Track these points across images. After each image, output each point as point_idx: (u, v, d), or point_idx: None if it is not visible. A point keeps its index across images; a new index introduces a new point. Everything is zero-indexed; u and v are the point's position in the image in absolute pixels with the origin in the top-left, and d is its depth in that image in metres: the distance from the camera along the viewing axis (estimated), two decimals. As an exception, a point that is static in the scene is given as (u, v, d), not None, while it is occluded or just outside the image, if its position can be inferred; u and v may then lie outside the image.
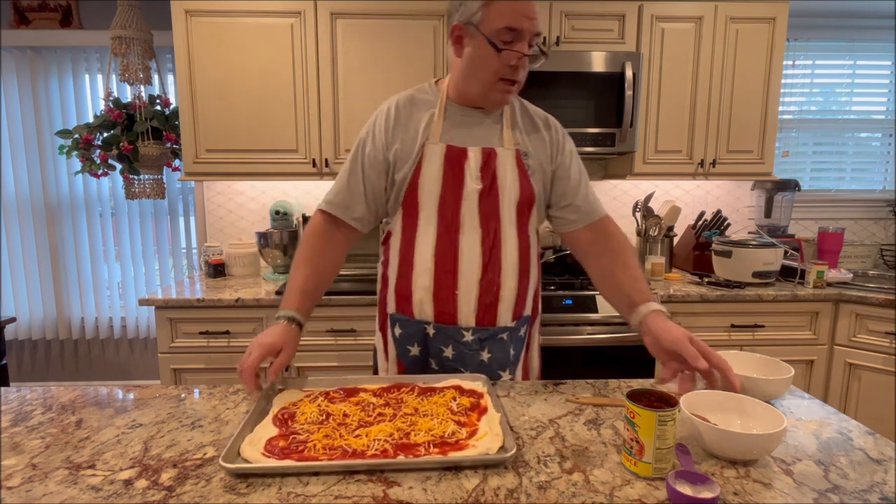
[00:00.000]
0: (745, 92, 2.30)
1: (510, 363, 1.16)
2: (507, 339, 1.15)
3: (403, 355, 1.16)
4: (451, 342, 1.12)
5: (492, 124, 1.14)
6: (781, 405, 0.96)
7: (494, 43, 1.02)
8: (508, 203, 1.11)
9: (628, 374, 2.00)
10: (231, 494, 0.67)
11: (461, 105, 1.13)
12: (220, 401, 0.98)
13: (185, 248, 2.81)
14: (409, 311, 1.14)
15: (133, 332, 2.83)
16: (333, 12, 2.14)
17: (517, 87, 1.08)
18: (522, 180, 1.12)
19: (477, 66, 1.06)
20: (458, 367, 1.13)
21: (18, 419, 0.90)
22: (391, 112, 1.13)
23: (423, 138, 1.10)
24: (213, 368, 2.00)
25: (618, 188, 2.69)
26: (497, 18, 1.01)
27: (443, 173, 1.09)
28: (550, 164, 1.17)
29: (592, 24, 2.20)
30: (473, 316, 1.11)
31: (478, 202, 1.10)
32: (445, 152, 1.09)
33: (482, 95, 1.09)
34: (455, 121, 1.12)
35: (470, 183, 1.09)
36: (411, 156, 1.10)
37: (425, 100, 1.14)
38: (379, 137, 1.12)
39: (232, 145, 2.21)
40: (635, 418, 0.71)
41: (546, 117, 1.21)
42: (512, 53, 1.02)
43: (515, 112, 1.17)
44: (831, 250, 2.55)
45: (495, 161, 1.10)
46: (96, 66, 2.65)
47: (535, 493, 0.68)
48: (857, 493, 0.68)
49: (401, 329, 1.16)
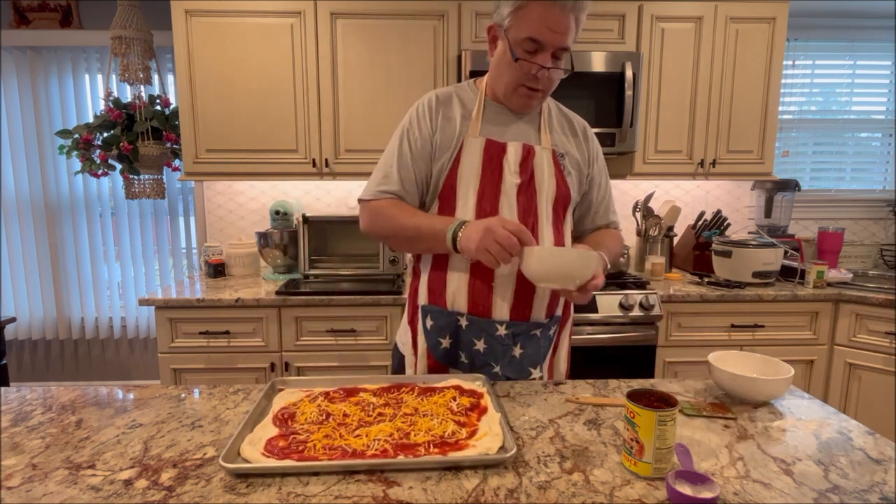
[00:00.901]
0: (745, 92, 2.30)
1: (541, 360, 1.16)
2: (540, 336, 1.14)
3: (434, 348, 1.15)
4: (484, 335, 1.11)
5: (528, 123, 1.16)
6: (781, 405, 0.96)
7: (513, 51, 1.03)
8: (546, 200, 1.12)
9: (628, 374, 2.00)
10: (231, 494, 0.67)
11: (498, 103, 1.15)
12: (220, 401, 0.98)
13: (185, 248, 2.81)
14: (442, 302, 1.13)
15: (133, 332, 2.83)
16: (333, 12, 2.14)
17: (542, 95, 1.10)
18: (559, 179, 1.14)
19: (501, 69, 1.09)
20: (489, 361, 1.12)
21: (18, 419, 0.90)
22: (433, 102, 1.14)
23: (462, 131, 1.11)
24: (213, 368, 2.00)
25: (618, 188, 2.69)
26: (523, 27, 1.01)
27: (482, 166, 1.10)
28: (587, 168, 1.20)
29: (592, 24, 2.21)
30: (508, 310, 1.11)
31: (516, 196, 1.10)
32: (485, 146, 1.10)
33: (506, 97, 1.12)
34: (493, 118, 1.14)
35: (509, 177, 1.10)
36: (449, 147, 1.11)
37: (464, 95, 1.16)
38: (424, 125, 1.12)
39: (232, 145, 2.21)
40: (635, 418, 0.71)
41: (584, 125, 1.24)
42: (528, 65, 1.03)
43: (552, 114, 1.19)
44: (831, 250, 2.55)
45: (533, 158, 1.12)
46: (96, 66, 2.65)
47: (535, 493, 0.68)
48: (857, 493, 0.68)
49: (432, 320, 1.14)
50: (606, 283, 2.06)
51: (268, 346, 2.00)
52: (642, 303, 1.98)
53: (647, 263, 2.35)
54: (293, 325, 1.99)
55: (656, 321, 2.01)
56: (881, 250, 2.73)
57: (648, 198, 2.42)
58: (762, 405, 0.96)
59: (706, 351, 1.57)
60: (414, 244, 1.12)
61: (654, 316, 1.99)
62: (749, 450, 0.79)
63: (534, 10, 0.99)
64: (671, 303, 2.06)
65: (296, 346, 2.01)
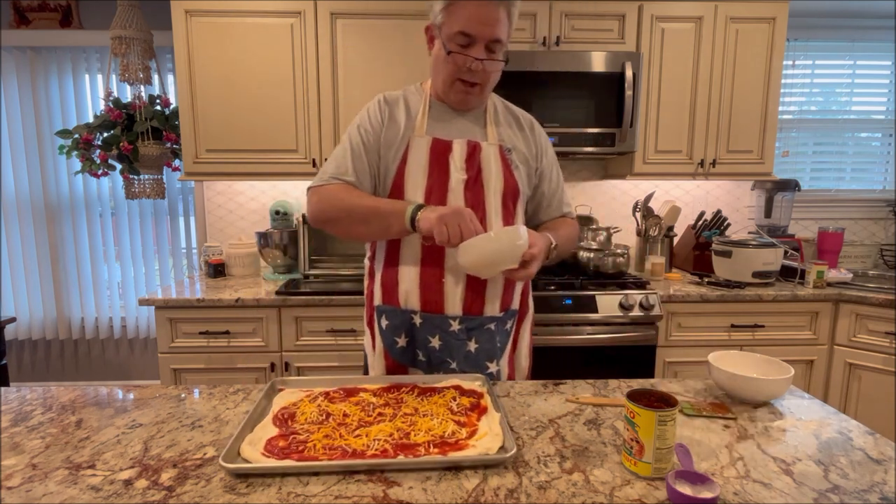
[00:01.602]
0: (745, 92, 2.30)
1: (497, 354, 1.17)
2: (494, 330, 1.15)
3: (391, 347, 1.17)
4: (438, 332, 1.13)
5: (474, 120, 1.18)
6: (781, 405, 0.96)
7: (446, 45, 1.06)
8: (493, 194, 1.14)
9: (628, 374, 2.00)
10: (231, 494, 0.67)
11: (442, 102, 1.17)
12: (220, 401, 0.98)
13: (185, 248, 2.81)
14: (395, 301, 1.15)
15: (133, 332, 2.83)
16: (333, 12, 2.14)
17: (479, 90, 1.12)
18: (506, 174, 1.16)
19: (438, 66, 1.12)
20: (445, 357, 1.13)
21: (18, 419, 0.90)
22: (381, 102, 1.17)
23: (407, 131, 1.14)
24: (213, 368, 2.00)
25: (618, 188, 2.69)
26: (455, 22, 1.05)
27: (429, 165, 1.12)
28: (535, 162, 1.23)
29: (592, 24, 2.21)
30: (460, 305, 1.12)
31: (463, 192, 1.12)
32: (431, 144, 1.12)
33: (445, 94, 1.15)
34: (438, 117, 1.16)
35: (455, 174, 1.12)
36: (394, 146, 1.13)
37: (411, 97, 1.19)
38: (374, 120, 1.15)
39: (232, 145, 2.21)
40: (635, 418, 0.71)
41: (531, 120, 1.26)
42: (460, 57, 1.06)
43: (497, 111, 1.22)
44: (831, 250, 2.55)
45: (480, 154, 1.14)
46: (96, 66, 2.65)
47: (535, 493, 0.68)
48: (857, 493, 0.68)
49: (387, 320, 1.17)
50: (606, 283, 2.07)
51: (268, 346, 2.00)
52: (642, 303, 1.98)
53: (647, 263, 2.35)
54: (293, 325, 1.99)
55: (656, 321, 2.01)
56: (881, 250, 2.73)
57: (648, 198, 2.42)
58: (762, 405, 0.96)
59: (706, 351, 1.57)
60: (368, 224, 1.11)
61: (654, 316, 1.99)
62: (749, 450, 0.79)
63: (464, 5, 1.03)
64: (671, 303, 2.06)
65: (296, 346, 2.01)
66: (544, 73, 2.12)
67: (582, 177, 2.68)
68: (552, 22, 2.18)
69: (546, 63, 2.13)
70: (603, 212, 2.68)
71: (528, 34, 2.20)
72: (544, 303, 1.97)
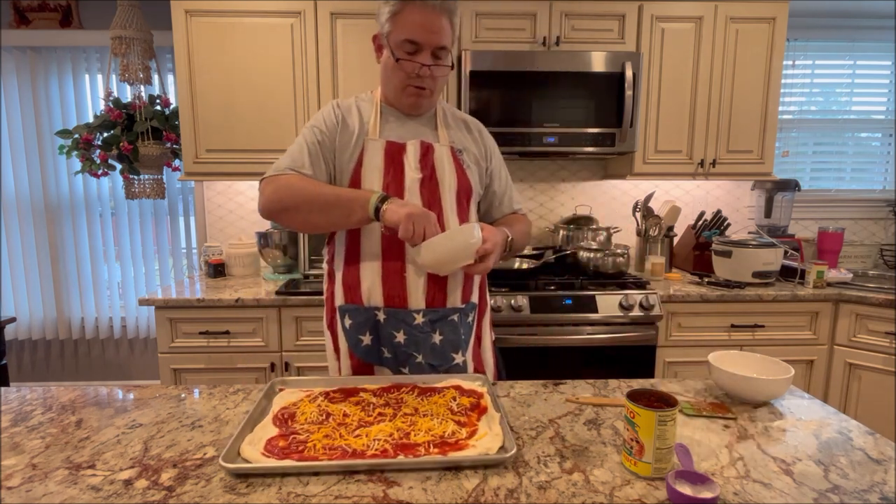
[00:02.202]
0: (745, 92, 2.30)
1: (462, 345, 1.18)
2: (458, 321, 1.17)
3: (355, 346, 1.17)
4: (403, 326, 1.14)
5: (425, 123, 1.22)
6: (781, 405, 0.96)
7: (394, 53, 1.10)
8: (448, 192, 1.18)
9: (628, 374, 2.00)
10: (231, 494, 0.67)
11: (393, 107, 1.21)
12: (220, 401, 0.98)
13: (185, 248, 2.81)
14: (358, 299, 1.16)
15: (133, 332, 2.83)
16: (333, 12, 2.14)
17: (429, 93, 1.16)
18: (459, 173, 1.20)
19: (388, 73, 1.15)
20: (410, 351, 1.14)
21: (18, 419, 0.90)
22: (335, 107, 1.20)
23: (361, 135, 1.16)
24: (213, 368, 2.00)
25: (618, 188, 2.69)
26: (400, 30, 1.09)
27: (384, 165, 1.15)
28: (485, 162, 1.28)
29: (592, 24, 2.20)
30: (423, 298, 1.14)
31: (419, 190, 1.15)
32: (385, 146, 1.16)
33: (397, 100, 1.18)
34: (390, 121, 1.20)
35: (410, 173, 1.15)
36: (348, 149, 1.15)
37: (362, 105, 1.22)
38: (329, 122, 1.17)
39: (232, 145, 2.21)
40: (635, 418, 0.71)
41: (478, 124, 1.31)
42: (409, 64, 1.10)
43: (446, 114, 1.26)
44: (831, 250, 2.55)
45: (433, 154, 1.17)
46: (96, 66, 2.65)
47: (535, 493, 0.68)
48: (857, 493, 0.68)
49: (351, 319, 1.17)
50: (606, 283, 2.07)
51: (268, 346, 2.00)
52: (642, 303, 1.98)
53: (647, 263, 2.35)
54: (293, 325, 1.99)
55: (656, 321, 2.01)
56: (881, 250, 2.73)
57: (648, 198, 2.42)
58: (762, 405, 0.96)
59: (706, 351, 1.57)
60: (328, 212, 1.09)
61: (654, 316, 1.99)
62: (749, 450, 0.80)
63: (408, 14, 1.08)
64: (671, 303, 2.06)
65: (296, 346, 2.01)
66: (544, 73, 2.12)
67: (582, 177, 2.68)
68: (552, 22, 2.18)
69: (546, 63, 2.13)
70: (603, 212, 2.68)
71: (528, 34, 2.20)
72: (544, 303, 1.97)
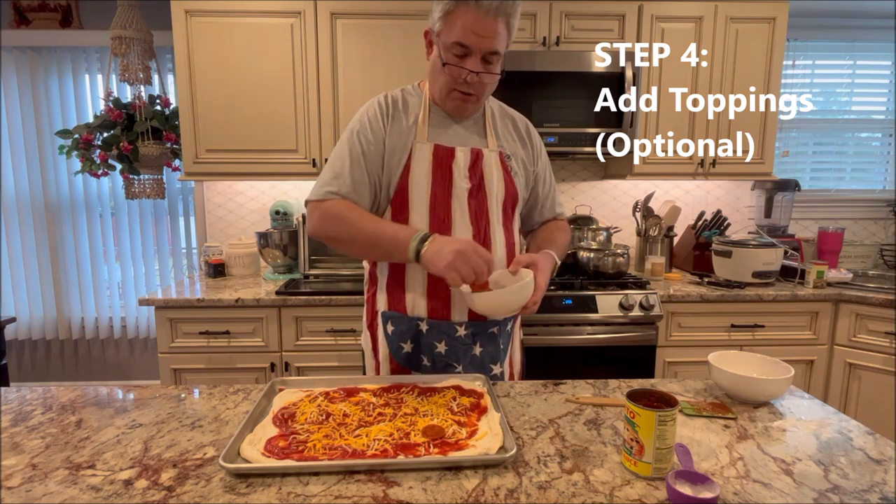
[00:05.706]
0: (745, 92, 2.29)
1: (500, 357, 1.18)
2: (498, 333, 1.16)
3: (396, 353, 1.17)
4: (445, 337, 1.13)
5: (472, 126, 1.17)
6: (781, 405, 0.96)
7: (442, 56, 1.04)
8: (496, 202, 1.14)
9: (628, 374, 2.00)
10: (231, 494, 0.67)
11: (440, 107, 1.15)
12: (220, 401, 0.98)
13: (185, 248, 2.81)
14: (401, 308, 1.15)
15: (133, 332, 2.83)
16: (333, 12, 2.14)
17: (475, 99, 1.10)
18: (507, 181, 1.16)
19: (435, 73, 1.09)
20: (450, 361, 1.13)
21: (18, 419, 0.90)
22: (382, 104, 1.14)
23: (410, 137, 1.11)
24: (213, 368, 2.00)
25: (618, 188, 2.69)
26: (452, 32, 1.02)
27: (431, 172, 1.10)
28: (532, 166, 1.23)
29: (592, 24, 2.20)
30: (467, 311, 1.13)
31: (467, 200, 1.11)
32: (434, 151, 1.10)
33: (441, 102, 1.13)
34: (438, 122, 1.14)
35: (459, 182, 1.11)
36: (398, 151, 1.11)
37: (411, 99, 1.16)
38: (376, 127, 1.12)
39: (232, 145, 2.21)
40: (635, 418, 0.71)
41: (527, 123, 1.25)
42: (456, 70, 1.04)
43: (495, 115, 1.20)
44: (831, 250, 2.55)
45: (482, 161, 1.13)
46: (96, 66, 2.65)
47: (535, 493, 0.68)
48: (857, 493, 0.68)
49: (393, 326, 1.16)
50: (606, 283, 2.07)
51: (268, 346, 2.00)
52: (642, 303, 1.98)
53: (647, 263, 2.35)
54: (293, 325, 1.99)
55: (656, 321, 2.01)
56: (881, 250, 2.73)
57: (648, 198, 2.42)
58: (762, 405, 0.96)
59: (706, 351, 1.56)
60: (370, 250, 1.11)
61: (654, 316, 1.99)
62: (749, 450, 0.79)
63: (461, 15, 1.00)
64: (671, 303, 2.06)
65: (296, 346, 2.01)
66: (544, 73, 2.12)
67: (582, 177, 2.68)
68: (552, 22, 2.18)
69: (546, 63, 2.13)
70: (603, 212, 2.68)
71: (528, 34, 2.20)
72: (544, 303, 1.96)
